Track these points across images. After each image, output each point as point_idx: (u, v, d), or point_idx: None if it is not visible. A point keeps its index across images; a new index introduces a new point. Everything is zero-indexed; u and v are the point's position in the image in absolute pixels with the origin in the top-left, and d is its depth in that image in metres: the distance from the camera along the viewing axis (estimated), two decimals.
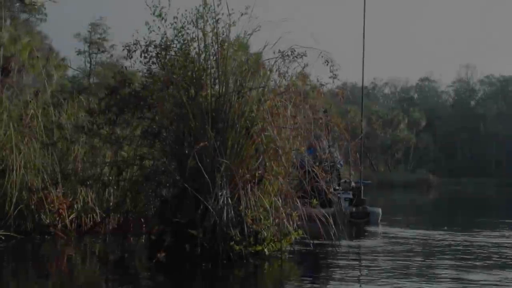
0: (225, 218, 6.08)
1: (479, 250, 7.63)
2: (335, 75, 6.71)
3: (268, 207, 6.27)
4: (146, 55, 6.52)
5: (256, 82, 6.62)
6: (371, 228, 10.76)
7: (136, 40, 6.47)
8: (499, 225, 11.89)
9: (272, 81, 6.79)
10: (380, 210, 11.26)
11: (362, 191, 11.37)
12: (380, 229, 10.71)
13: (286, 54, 6.91)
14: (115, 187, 7.20)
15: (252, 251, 6.29)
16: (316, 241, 6.99)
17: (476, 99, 78.98)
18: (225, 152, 6.31)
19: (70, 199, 8.12)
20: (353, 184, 11.73)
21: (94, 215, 8.05)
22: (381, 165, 58.89)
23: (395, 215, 16.17)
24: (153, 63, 6.67)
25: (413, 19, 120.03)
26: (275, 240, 6.36)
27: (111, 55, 34.19)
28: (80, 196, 8.24)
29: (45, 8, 29.07)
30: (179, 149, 6.39)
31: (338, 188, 11.31)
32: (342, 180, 11.92)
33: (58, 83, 27.73)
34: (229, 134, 6.33)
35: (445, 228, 10.85)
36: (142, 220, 6.56)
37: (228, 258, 6.09)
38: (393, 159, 59.59)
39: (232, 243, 6.10)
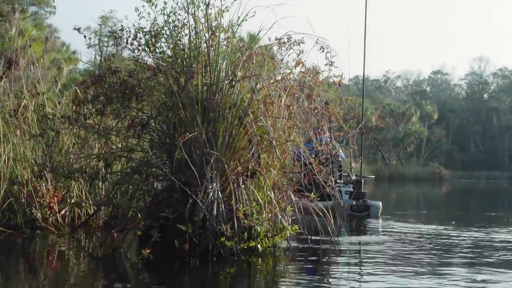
0: (215, 213, 5.75)
1: (487, 247, 7.24)
2: (331, 62, 6.35)
3: (261, 201, 5.93)
4: (134, 42, 6.19)
5: (249, 70, 6.27)
6: (372, 222, 10.45)
7: (122, 26, 6.15)
8: (510, 220, 11.49)
9: (267, 69, 6.44)
10: (380, 204, 11.03)
11: (362, 184, 11.12)
12: (381, 222, 10.41)
13: (283, 41, 6.58)
14: (103, 181, 6.88)
15: (245, 247, 5.96)
16: (314, 237, 6.66)
17: (489, 92, 78.12)
18: (216, 144, 5.97)
19: (63, 192, 7.82)
20: (353, 177, 11.37)
21: (88, 209, 7.75)
22: (393, 158, 58.39)
23: (403, 208, 15.83)
24: (143, 50, 6.34)
25: (425, 11, 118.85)
26: (269, 235, 6.02)
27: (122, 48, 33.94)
28: (74, 190, 7.95)
29: (53, 1, 28.85)
30: (168, 140, 6.05)
31: (339, 181, 11.09)
32: (344, 173, 11.65)
33: (68, 76, 27.51)
34: (220, 124, 5.99)
35: (453, 222, 10.46)
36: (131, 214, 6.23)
37: (219, 255, 5.76)
38: (405, 152, 59.05)
39: (223, 239, 5.78)
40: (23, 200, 7.50)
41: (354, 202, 10.85)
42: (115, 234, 5.65)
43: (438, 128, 63.68)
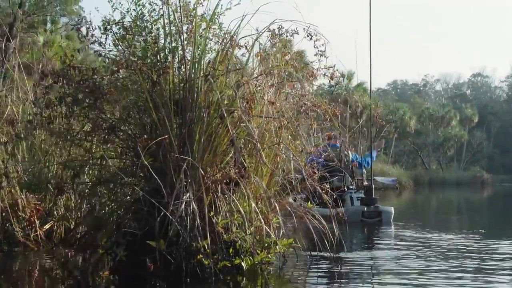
0: (189, 227, 4.95)
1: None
2: (321, 51, 5.48)
3: (243, 213, 5.09)
4: (102, 35, 5.44)
5: (231, 64, 5.47)
6: (384, 231, 9.64)
7: (81, 17, 5.42)
8: None
9: (251, 62, 5.63)
10: (392, 209, 10.42)
11: (373, 190, 10.45)
12: (393, 231, 9.59)
13: (273, 32, 5.77)
14: (73, 192, 6.10)
15: (229, 265, 5.14)
16: (315, 252, 5.82)
17: None
18: (191, 148, 5.18)
19: (50, 205, 7.11)
20: (365, 182, 10.97)
21: (71, 223, 7.02)
22: (433, 163, 56.76)
23: (444, 214, 14.76)
24: (115, 45, 5.59)
25: (465, 13, 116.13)
26: (254, 252, 5.18)
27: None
28: (61, 202, 7.23)
29: (84, 12, 28.61)
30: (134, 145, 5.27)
31: (351, 187, 10.70)
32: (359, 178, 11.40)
33: None
34: (197, 126, 5.20)
35: (483, 231, 9.45)
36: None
37: (196, 275, 4.96)
38: (445, 157, 57.34)
39: (199, 256, 4.97)
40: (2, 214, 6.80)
41: (365, 208, 10.23)
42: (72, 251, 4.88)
43: (478, 131, 61.63)
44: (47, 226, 6.96)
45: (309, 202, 5.85)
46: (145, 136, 5.19)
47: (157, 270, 4.86)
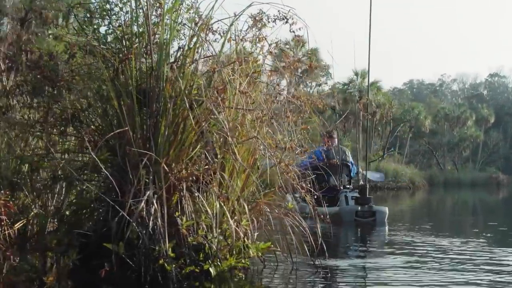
0: (150, 229, 4.45)
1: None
2: (297, 36, 4.95)
3: (210, 213, 4.58)
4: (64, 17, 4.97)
5: (205, 51, 4.97)
6: (378, 234, 9.15)
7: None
8: None
9: (227, 49, 5.10)
10: (387, 209, 10.08)
11: (367, 189, 10.04)
12: (387, 233, 9.12)
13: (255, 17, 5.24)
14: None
15: (197, 271, 4.63)
16: (296, 257, 5.30)
17: None
18: (156, 141, 4.69)
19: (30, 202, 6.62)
20: (361, 182, 10.53)
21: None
22: (448, 163, 55.88)
23: (459, 215, 14.15)
24: (79, 29, 5.11)
25: (483, 14, 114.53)
26: (220, 256, 4.66)
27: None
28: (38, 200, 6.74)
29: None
30: (97, 138, 4.78)
31: (348, 186, 10.43)
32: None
33: None
34: (162, 118, 4.70)
35: (497, 236, 8.85)
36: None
37: (157, 282, 4.46)
38: (461, 157, 56.42)
39: (161, 261, 4.46)
40: None
41: (359, 208, 9.88)
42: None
43: (495, 132, 60.53)
44: (17, 225, 6.49)
45: (289, 203, 5.33)
46: (100, 127, 4.70)
47: (112, 276, 4.37)
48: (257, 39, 4.98)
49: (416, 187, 37.34)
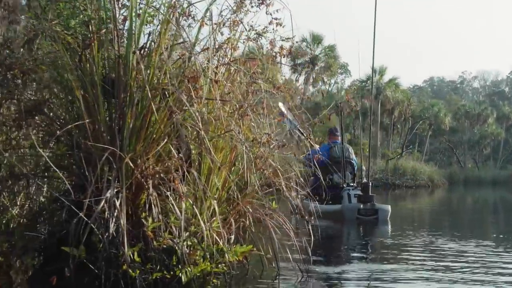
0: (111, 231, 4.02)
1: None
2: (275, 18, 4.48)
3: (179, 214, 4.12)
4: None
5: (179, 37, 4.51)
6: (381, 234, 8.69)
7: None
8: None
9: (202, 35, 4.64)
10: (389, 207, 9.91)
11: (370, 188, 9.86)
12: (390, 231, 8.79)
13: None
14: None
15: (169, 277, 4.20)
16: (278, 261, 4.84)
17: None
18: (122, 135, 4.25)
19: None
20: (364, 179, 10.54)
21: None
22: (469, 161, 54.93)
23: (481, 215, 13.56)
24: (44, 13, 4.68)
25: (505, 11, 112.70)
26: (191, 262, 4.22)
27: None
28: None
29: None
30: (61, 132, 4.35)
31: (352, 184, 10.19)
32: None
33: None
34: (128, 108, 4.26)
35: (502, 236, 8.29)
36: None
37: None
38: (481, 155, 55.43)
39: (125, 266, 4.03)
40: None
41: (361, 206, 9.69)
42: None
43: None
44: None
45: (273, 203, 4.87)
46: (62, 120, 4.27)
47: (71, 282, 3.95)
48: (232, 23, 4.51)
49: (435, 185, 36.55)
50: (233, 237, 4.53)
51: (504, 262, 5.67)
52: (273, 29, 4.50)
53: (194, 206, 4.18)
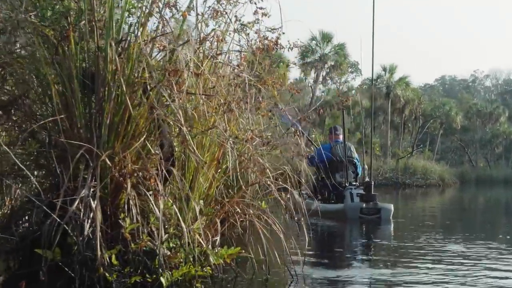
0: (86, 233, 3.79)
1: None
2: (261, 8, 4.23)
3: (159, 215, 3.88)
4: None
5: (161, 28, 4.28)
6: (384, 235, 8.38)
7: None
8: None
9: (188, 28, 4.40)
10: (392, 206, 9.71)
11: (373, 186, 9.68)
12: (395, 229, 8.53)
13: None
14: None
15: (150, 280, 3.97)
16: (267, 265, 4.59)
17: None
18: (99, 131, 4.03)
19: None
20: (366, 178, 10.23)
21: None
22: (481, 160, 54.39)
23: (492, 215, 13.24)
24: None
25: None
26: (172, 265, 3.99)
27: None
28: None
29: None
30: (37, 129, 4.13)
31: (354, 183, 10.00)
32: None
33: None
34: (106, 104, 4.03)
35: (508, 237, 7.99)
36: None
37: None
38: (493, 154, 54.84)
39: (101, 270, 3.80)
40: None
41: (364, 205, 9.54)
42: None
43: None
44: None
45: (263, 203, 4.63)
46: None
47: (42, 286, 3.72)
48: (215, 13, 4.26)
49: (446, 184, 36.12)
50: (218, 238, 4.28)
51: None
52: (257, 19, 4.24)
53: (174, 206, 3.93)
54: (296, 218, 4.60)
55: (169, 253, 3.97)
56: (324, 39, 36.87)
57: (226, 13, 4.28)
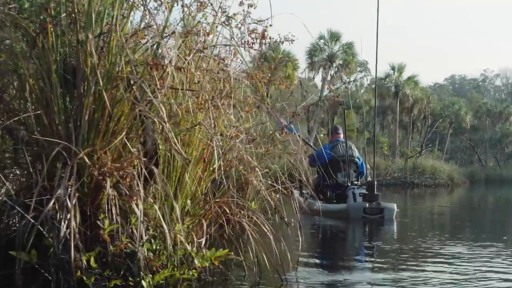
0: (62, 234, 3.60)
1: None
2: None
3: (139, 214, 3.69)
4: None
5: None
6: (386, 237, 8.09)
7: None
8: None
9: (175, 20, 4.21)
10: (395, 206, 9.60)
11: (375, 186, 9.52)
12: (399, 230, 8.32)
13: None
14: None
15: (132, 284, 3.78)
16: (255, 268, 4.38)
17: None
18: (78, 127, 3.84)
19: None
20: (369, 178, 10.19)
21: None
22: (490, 160, 53.84)
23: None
24: None
25: None
26: (153, 268, 3.79)
27: None
28: None
29: None
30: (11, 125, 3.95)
31: (356, 183, 9.86)
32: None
33: None
34: (86, 100, 3.84)
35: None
36: None
37: None
38: (503, 153, 54.26)
39: (78, 273, 3.62)
40: None
41: (367, 205, 9.42)
42: None
43: None
44: None
45: (252, 203, 4.42)
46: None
47: None
48: (200, 4, 4.06)
49: (455, 184, 35.67)
50: (204, 240, 4.08)
51: None
52: (243, 10, 4.04)
53: (156, 207, 3.74)
54: (285, 219, 4.38)
55: (151, 255, 3.78)
56: (332, 38, 36.58)
57: (211, 4, 4.08)
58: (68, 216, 3.59)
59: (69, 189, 3.65)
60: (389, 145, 40.73)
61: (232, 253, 4.30)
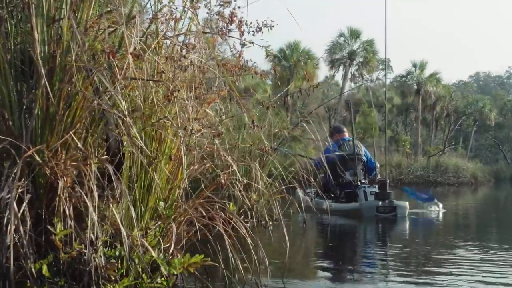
0: (8, 239, 3.23)
1: None
2: None
3: (95, 219, 3.30)
4: None
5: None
6: (394, 238, 7.65)
7: None
8: None
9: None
10: (407, 204, 9.46)
11: (388, 185, 9.43)
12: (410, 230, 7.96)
13: None
14: None
15: None
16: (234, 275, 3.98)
17: None
18: (32, 125, 3.47)
19: None
20: (379, 176, 10.17)
21: None
22: None
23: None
24: None
25: None
26: (112, 277, 3.41)
27: None
28: None
29: None
30: None
31: (364, 181, 9.79)
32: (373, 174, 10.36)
33: None
34: (38, 93, 3.47)
35: None
36: None
37: None
38: None
39: (28, 284, 3.26)
40: None
41: (380, 203, 9.28)
42: None
43: None
44: None
45: (231, 205, 4.01)
46: None
47: None
48: None
49: (479, 182, 34.83)
50: (172, 245, 3.68)
51: None
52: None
53: (114, 210, 3.35)
54: (265, 222, 3.96)
55: (107, 263, 3.39)
56: (352, 36, 36.04)
57: None
58: (16, 221, 3.22)
59: (19, 190, 3.28)
60: (412, 143, 40.00)
61: (210, 259, 3.90)
